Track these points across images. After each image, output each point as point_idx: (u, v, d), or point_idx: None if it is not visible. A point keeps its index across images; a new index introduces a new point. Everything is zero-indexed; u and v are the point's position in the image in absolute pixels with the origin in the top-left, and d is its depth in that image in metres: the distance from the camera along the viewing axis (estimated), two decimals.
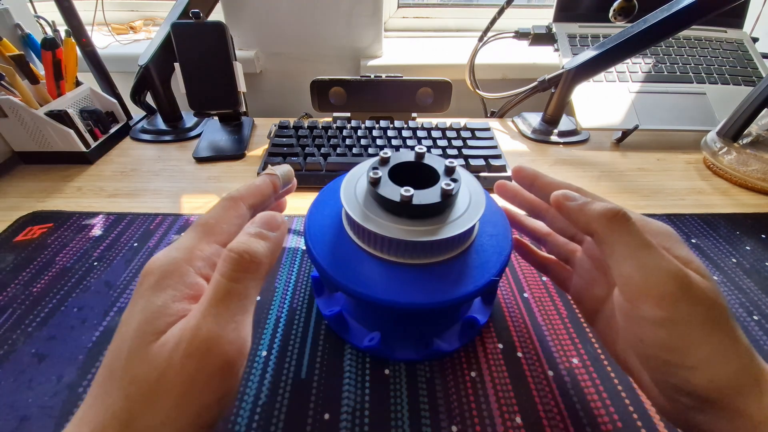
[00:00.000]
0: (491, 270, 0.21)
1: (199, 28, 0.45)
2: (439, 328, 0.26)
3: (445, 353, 0.25)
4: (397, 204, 0.20)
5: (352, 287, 0.21)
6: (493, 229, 0.24)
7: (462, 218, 0.21)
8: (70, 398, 0.23)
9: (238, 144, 0.50)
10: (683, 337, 0.15)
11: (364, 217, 0.21)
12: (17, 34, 0.49)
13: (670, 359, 0.15)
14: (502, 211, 0.26)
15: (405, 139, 0.46)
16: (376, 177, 0.21)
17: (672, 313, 0.15)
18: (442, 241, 0.20)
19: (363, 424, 0.22)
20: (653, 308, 0.15)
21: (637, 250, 0.16)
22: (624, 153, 0.51)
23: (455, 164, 0.23)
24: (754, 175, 0.42)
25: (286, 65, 0.70)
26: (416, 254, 0.21)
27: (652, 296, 0.15)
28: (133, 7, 0.80)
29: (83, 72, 0.51)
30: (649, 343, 0.16)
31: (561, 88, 0.51)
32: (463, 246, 0.22)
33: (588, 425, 0.22)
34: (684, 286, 0.15)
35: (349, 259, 0.22)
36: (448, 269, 0.21)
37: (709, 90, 0.54)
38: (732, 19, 0.59)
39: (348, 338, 0.26)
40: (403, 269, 0.21)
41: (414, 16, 0.79)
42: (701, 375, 0.15)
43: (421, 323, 0.26)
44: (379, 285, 0.21)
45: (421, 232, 0.20)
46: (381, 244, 0.21)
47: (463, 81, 0.60)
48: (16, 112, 0.41)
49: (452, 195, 0.21)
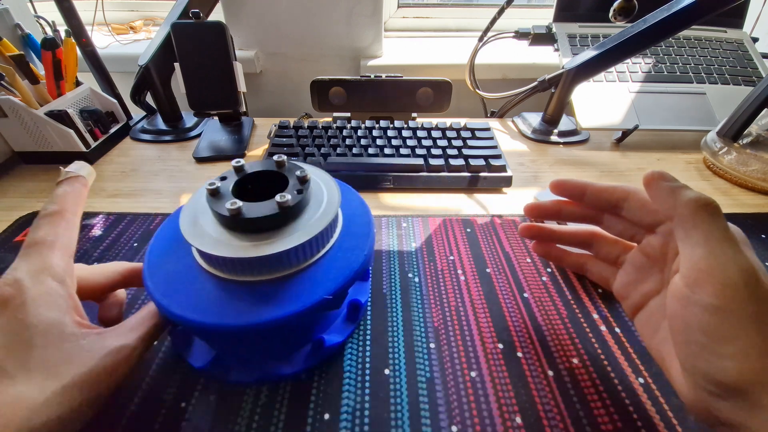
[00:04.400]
0: (326, 288, 0.20)
1: (199, 28, 0.45)
2: (283, 349, 0.24)
3: (283, 376, 0.23)
4: (228, 218, 0.19)
5: (159, 302, 0.19)
6: (351, 242, 0.23)
7: (300, 233, 0.20)
8: None
9: (238, 144, 0.50)
10: (731, 327, 0.15)
11: (193, 233, 0.20)
12: (17, 34, 0.49)
13: (710, 345, 0.16)
14: (371, 223, 0.25)
15: (405, 139, 0.46)
16: (212, 188, 0.20)
17: (728, 302, 0.16)
18: (269, 257, 0.19)
19: (363, 424, 0.22)
20: (711, 296, 0.16)
21: (715, 240, 0.17)
22: (624, 153, 0.51)
23: (307, 173, 0.22)
24: (754, 175, 0.42)
25: (286, 65, 0.70)
26: (246, 271, 0.20)
27: (714, 284, 0.16)
28: (133, 7, 0.80)
29: (83, 72, 0.51)
30: (694, 328, 0.16)
31: (561, 88, 0.51)
32: (305, 261, 0.21)
33: (588, 425, 0.22)
34: (750, 282, 0.16)
35: (184, 278, 0.20)
36: (280, 287, 0.20)
37: (709, 90, 0.54)
38: (732, 19, 0.59)
39: (187, 357, 0.23)
40: (237, 287, 0.20)
41: (414, 16, 0.79)
42: (735, 365, 0.15)
43: (248, 344, 0.23)
44: (198, 304, 0.19)
45: (250, 247, 0.19)
46: (210, 260, 0.20)
47: (463, 81, 0.60)
48: (16, 112, 0.41)
49: (289, 208, 0.20)
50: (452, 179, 0.42)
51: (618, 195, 0.23)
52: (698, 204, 0.18)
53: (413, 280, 0.31)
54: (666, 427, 0.21)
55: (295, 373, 0.24)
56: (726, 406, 0.16)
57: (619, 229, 0.24)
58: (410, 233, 0.35)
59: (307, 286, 0.20)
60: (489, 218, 0.38)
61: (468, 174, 0.42)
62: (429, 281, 0.30)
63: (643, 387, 0.23)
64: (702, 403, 0.17)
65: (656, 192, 0.20)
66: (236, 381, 0.23)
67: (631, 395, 0.23)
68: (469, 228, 0.36)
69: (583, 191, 0.24)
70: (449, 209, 0.39)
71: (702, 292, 0.16)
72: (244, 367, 0.23)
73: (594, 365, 0.25)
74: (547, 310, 0.28)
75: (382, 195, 0.41)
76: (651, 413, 0.22)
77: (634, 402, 0.23)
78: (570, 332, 0.27)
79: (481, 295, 0.29)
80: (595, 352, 0.25)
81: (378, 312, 0.28)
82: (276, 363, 0.23)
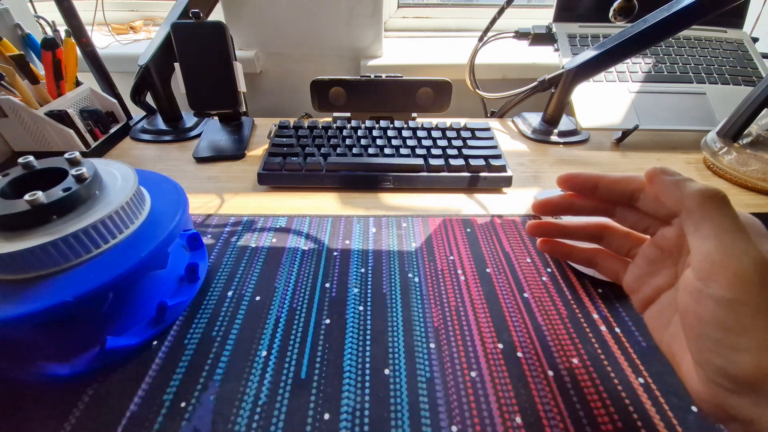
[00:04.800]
0: (72, 290, 0.20)
1: (199, 28, 0.45)
2: (62, 348, 0.24)
3: (57, 377, 0.23)
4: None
5: None
6: (133, 243, 0.23)
7: (49, 233, 0.21)
8: (69, 398, 0.23)
9: (238, 144, 0.50)
10: (745, 319, 0.15)
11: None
12: (17, 34, 0.49)
13: (724, 339, 0.16)
14: (172, 227, 0.25)
15: (405, 139, 0.46)
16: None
17: (742, 295, 0.15)
18: (3, 256, 0.19)
19: (363, 424, 0.22)
20: (723, 288, 0.16)
21: (725, 231, 0.16)
22: (624, 153, 0.51)
23: (84, 171, 0.23)
24: (754, 175, 0.42)
25: (286, 65, 0.70)
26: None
27: (726, 276, 0.16)
28: (133, 7, 0.80)
29: (83, 72, 0.51)
30: (707, 321, 0.16)
31: (561, 88, 0.51)
32: (63, 263, 0.21)
33: (588, 425, 0.22)
34: (763, 273, 0.15)
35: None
36: (23, 288, 0.20)
37: (709, 90, 0.54)
38: (732, 19, 0.59)
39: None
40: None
41: (414, 16, 0.79)
42: (750, 358, 0.15)
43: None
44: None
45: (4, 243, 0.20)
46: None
47: (463, 81, 0.60)
48: (16, 112, 0.41)
49: (42, 206, 0.20)
50: (452, 179, 0.42)
51: (634, 186, 0.22)
52: (705, 195, 0.17)
53: (413, 280, 0.31)
54: (666, 427, 0.21)
55: (142, 343, 0.25)
56: (739, 401, 0.15)
57: (632, 221, 0.23)
58: (410, 233, 0.35)
59: (53, 289, 0.20)
60: (489, 218, 0.38)
61: (468, 174, 0.42)
62: (429, 281, 0.30)
63: (643, 387, 0.23)
64: (714, 399, 0.16)
65: (660, 187, 0.19)
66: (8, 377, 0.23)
67: (631, 395, 0.23)
68: (469, 228, 0.36)
69: (595, 184, 0.23)
70: (449, 209, 0.39)
71: (715, 286, 0.16)
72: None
73: (594, 365, 0.25)
74: (547, 310, 0.28)
75: (382, 195, 0.41)
76: (651, 413, 0.22)
77: (634, 402, 0.23)
78: (570, 332, 0.27)
79: (481, 295, 0.29)
80: (595, 352, 0.25)
81: (378, 312, 0.28)
82: (44, 364, 0.23)
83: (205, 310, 0.28)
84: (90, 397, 0.23)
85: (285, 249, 0.34)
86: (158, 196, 0.28)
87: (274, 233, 0.35)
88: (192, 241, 0.32)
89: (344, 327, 0.27)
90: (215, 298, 0.29)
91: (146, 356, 0.25)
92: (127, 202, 0.24)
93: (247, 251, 0.33)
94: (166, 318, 0.26)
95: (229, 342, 0.26)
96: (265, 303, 0.29)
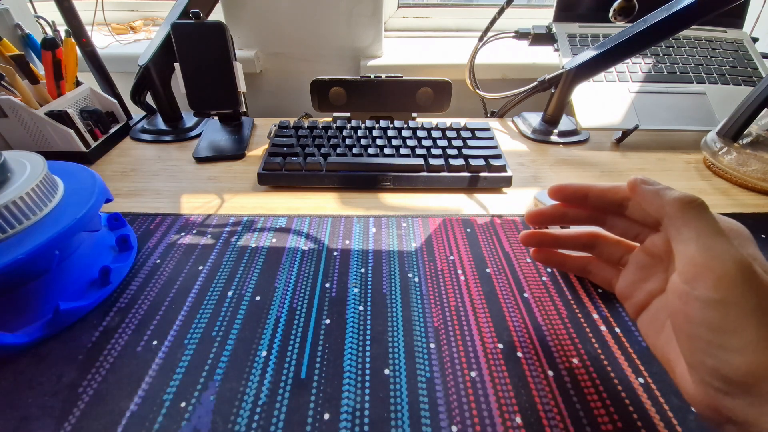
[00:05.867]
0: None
1: (199, 28, 0.45)
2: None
3: (10, 346, 0.25)
4: None
5: None
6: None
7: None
8: (69, 397, 0.23)
9: (238, 144, 0.50)
10: (733, 319, 0.15)
11: None
12: (17, 34, 0.50)
13: (715, 340, 0.16)
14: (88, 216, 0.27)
15: (405, 139, 0.46)
16: None
17: (727, 295, 0.16)
18: None
19: (363, 424, 0.22)
20: (709, 289, 0.16)
21: (706, 235, 0.17)
22: (624, 153, 0.51)
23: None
24: (754, 175, 0.42)
25: (286, 65, 0.70)
26: None
27: (710, 277, 0.16)
28: (133, 7, 0.80)
29: (83, 72, 0.51)
30: (697, 323, 0.16)
31: (561, 88, 0.51)
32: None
33: (588, 425, 0.22)
34: (745, 273, 0.16)
35: None
36: None
37: (709, 90, 0.54)
38: (732, 19, 0.59)
39: None
40: None
41: (414, 16, 0.79)
42: (742, 358, 0.15)
43: None
44: None
45: None
46: None
47: (463, 81, 0.60)
48: (16, 112, 0.41)
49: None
50: (452, 179, 0.42)
51: (622, 194, 0.23)
52: (684, 202, 0.18)
53: (413, 280, 0.31)
54: (666, 427, 0.21)
55: (30, 343, 0.25)
56: (734, 402, 0.16)
57: (622, 228, 0.24)
58: (410, 233, 0.35)
59: None
60: (489, 218, 0.38)
61: (468, 174, 0.42)
62: (429, 281, 0.30)
63: (643, 387, 0.23)
64: (709, 401, 0.17)
65: (642, 197, 0.20)
66: None
67: (631, 395, 0.23)
68: (469, 228, 0.36)
69: (585, 195, 0.24)
70: (449, 209, 0.39)
71: (700, 287, 0.16)
72: None
73: (594, 365, 0.25)
74: (547, 310, 0.28)
75: (382, 195, 0.41)
76: (651, 413, 0.22)
77: (634, 402, 0.23)
78: (570, 332, 0.27)
79: (481, 295, 0.29)
80: (595, 352, 0.25)
81: (378, 312, 0.28)
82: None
83: (205, 310, 0.28)
84: (90, 397, 0.23)
85: (285, 249, 0.34)
86: (74, 185, 0.30)
87: (274, 233, 0.35)
88: (121, 242, 0.32)
89: (344, 327, 0.27)
90: (215, 297, 0.29)
91: (146, 356, 0.25)
92: (33, 188, 0.25)
93: (247, 251, 0.33)
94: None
95: (229, 342, 0.26)
96: (265, 303, 0.29)
